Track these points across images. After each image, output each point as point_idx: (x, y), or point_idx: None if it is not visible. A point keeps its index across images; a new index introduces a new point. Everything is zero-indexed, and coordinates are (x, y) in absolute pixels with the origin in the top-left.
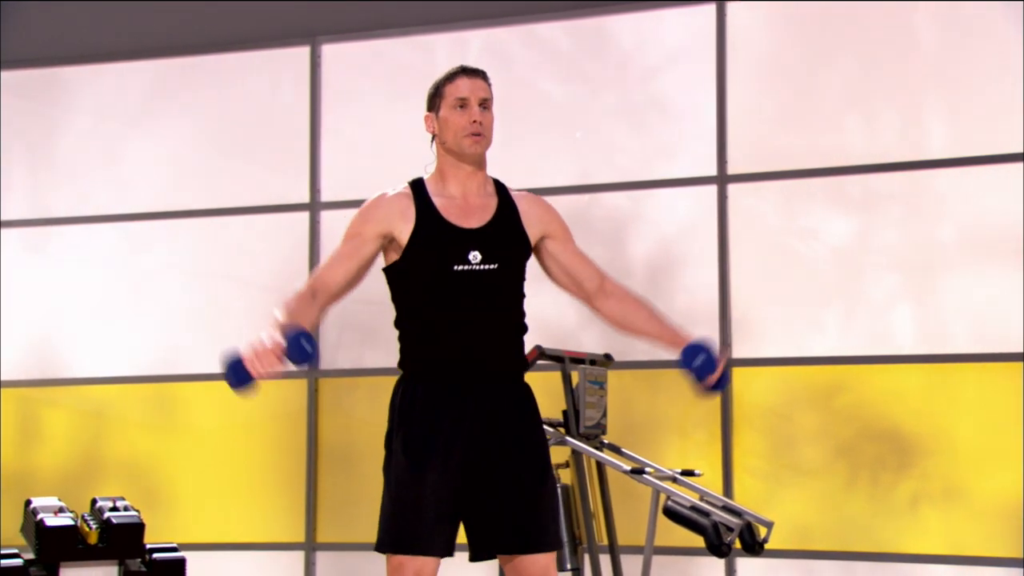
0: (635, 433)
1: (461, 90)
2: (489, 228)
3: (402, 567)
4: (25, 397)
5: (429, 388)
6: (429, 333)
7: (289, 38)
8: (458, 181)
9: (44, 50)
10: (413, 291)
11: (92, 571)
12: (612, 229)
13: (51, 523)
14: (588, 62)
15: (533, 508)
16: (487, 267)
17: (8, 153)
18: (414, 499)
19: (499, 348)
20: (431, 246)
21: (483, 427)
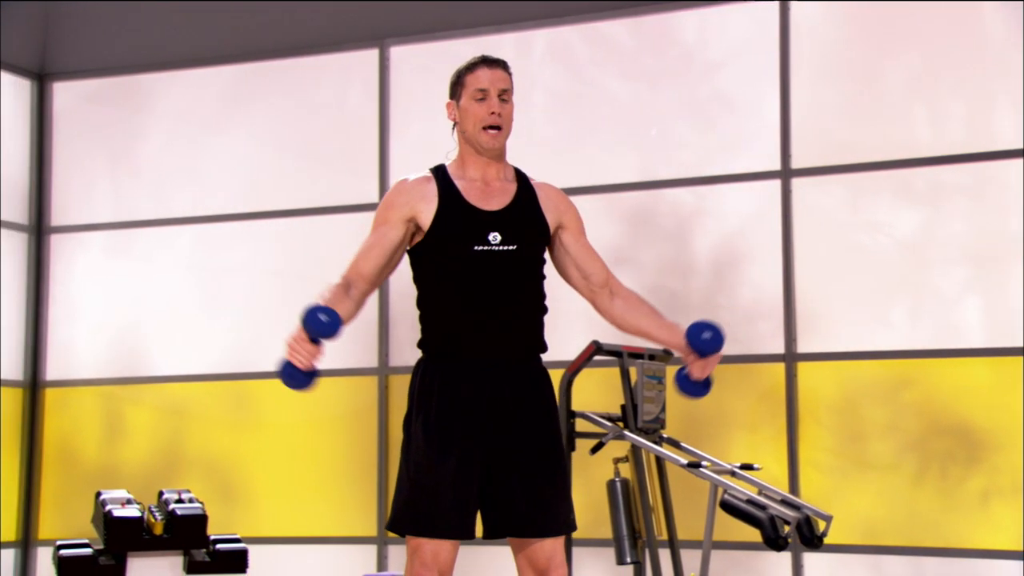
0: (700, 428)
1: (481, 80)
2: (509, 210)
3: (420, 548)
4: (109, 395)
5: (447, 370)
6: (449, 312)
7: (358, 41)
8: (478, 167)
9: (125, 59)
10: (435, 271)
11: (158, 561)
12: (675, 225)
13: (118, 514)
14: (651, 58)
15: (542, 493)
16: (507, 248)
17: (92, 159)
18: (432, 482)
19: (518, 328)
20: (453, 227)
21: (500, 410)
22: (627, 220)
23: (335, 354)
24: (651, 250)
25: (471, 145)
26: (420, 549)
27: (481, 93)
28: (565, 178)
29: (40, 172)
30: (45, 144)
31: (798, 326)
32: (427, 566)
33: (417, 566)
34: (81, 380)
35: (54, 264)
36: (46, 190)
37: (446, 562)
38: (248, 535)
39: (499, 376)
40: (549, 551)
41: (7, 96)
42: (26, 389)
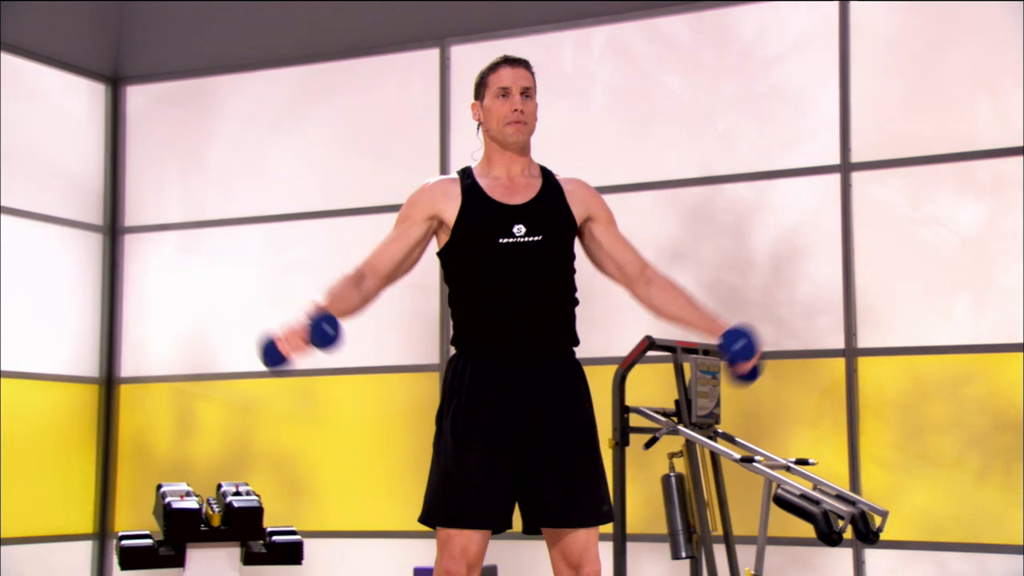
0: (760, 424)
1: (503, 79)
2: (534, 203)
3: (449, 540)
4: (181, 391)
5: (477, 365)
6: (478, 305)
7: (419, 41)
8: (503, 165)
9: (195, 62)
10: (462, 267)
11: (216, 552)
12: (734, 220)
13: (177, 506)
14: (710, 54)
15: (574, 485)
16: (532, 239)
17: (163, 160)
18: (462, 475)
19: (546, 320)
20: (477, 221)
21: (530, 403)
22: (686, 216)
23: (397, 350)
24: (710, 245)
25: (496, 143)
26: (450, 541)
27: (504, 91)
28: (624, 174)
29: (114, 174)
30: (119, 146)
31: (858, 321)
32: (456, 558)
33: (447, 558)
34: (154, 377)
35: (128, 264)
36: (120, 191)
37: (475, 554)
38: (313, 528)
39: (529, 369)
40: (582, 544)
41: (82, 100)
42: (102, 386)
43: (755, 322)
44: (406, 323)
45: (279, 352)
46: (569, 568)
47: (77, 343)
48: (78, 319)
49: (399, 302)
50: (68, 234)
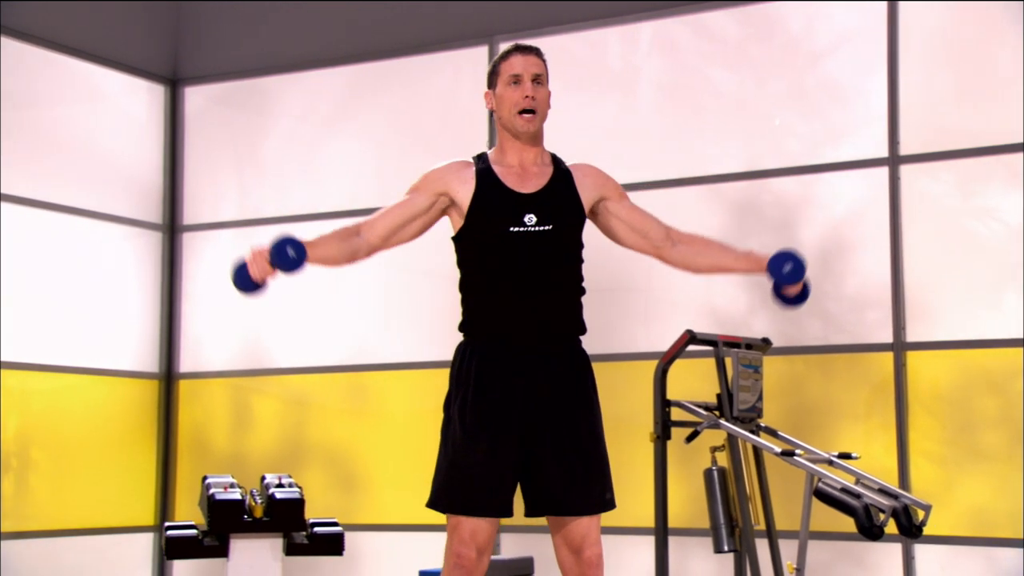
0: (809, 419)
1: (515, 67)
2: (544, 192)
3: (459, 525)
4: (238, 386)
5: (485, 353)
6: (487, 292)
7: (468, 39)
8: (516, 153)
9: (250, 62)
10: (474, 253)
11: (259, 542)
12: (781, 215)
13: (220, 497)
14: (757, 48)
15: (577, 472)
16: (542, 228)
17: (220, 160)
18: (469, 462)
19: (554, 308)
20: (489, 208)
21: (536, 392)
22: (733, 210)
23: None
24: (757, 240)
25: (508, 131)
26: (459, 527)
27: (515, 78)
28: (670, 169)
29: (173, 174)
30: (177, 146)
31: (907, 315)
32: (465, 543)
33: (456, 543)
34: (212, 372)
35: (186, 261)
36: (178, 191)
37: (484, 539)
38: (366, 522)
39: (536, 358)
40: (584, 530)
41: (143, 101)
42: (161, 381)
43: (803, 317)
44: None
45: (249, 275)
46: (571, 552)
47: (138, 339)
48: (139, 316)
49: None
50: (129, 233)
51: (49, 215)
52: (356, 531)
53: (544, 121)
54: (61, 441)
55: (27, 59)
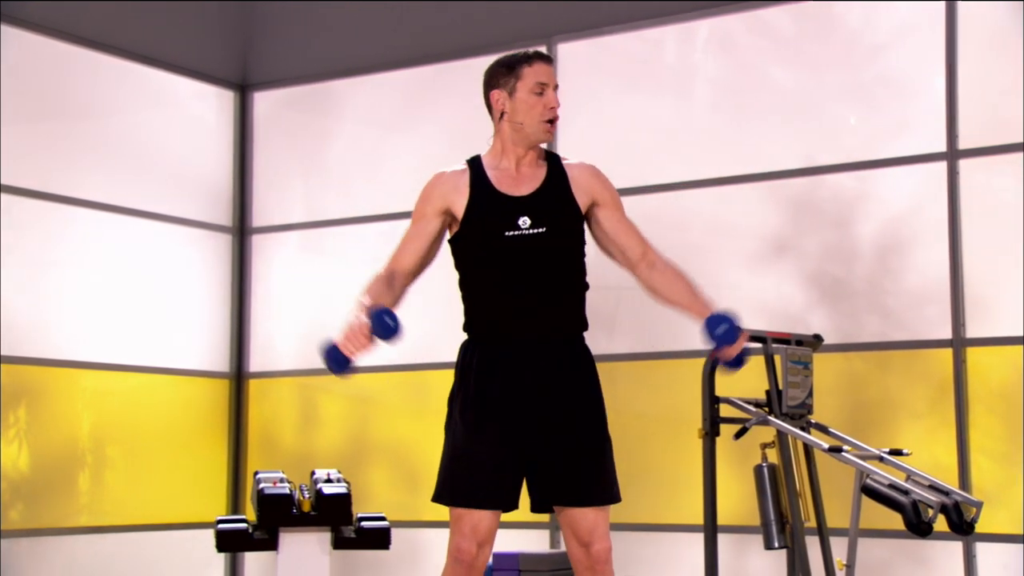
0: (866, 416)
1: (540, 74)
2: (538, 194)
3: (460, 519)
4: (305, 385)
5: (485, 350)
6: (485, 295)
7: (527, 40)
8: (514, 156)
9: (316, 67)
10: (471, 257)
11: (307, 536)
12: (838, 211)
13: (269, 492)
14: (814, 44)
15: (581, 466)
16: (536, 231)
17: (288, 163)
18: (471, 457)
19: (553, 307)
20: (484, 214)
21: (537, 387)
22: (789, 207)
23: None
24: (813, 237)
25: (520, 135)
26: (461, 520)
27: (541, 87)
28: (727, 166)
29: (242, 177)
30: (246, 150)
31: (966, 311)
32: (466, 536)
33: (457, 536)
34: (280, 371)
35: (255, 263)
36: (247, 194)
37: (485, 532)
38: (430, 519)
39: (536, 354)
40: (592, 522)
41: (212, 107)
42: (232, 380)
43: (861, 313)
44: None
45: (343, 355)
46: (579, 545)
47: (209, 340)
48: (209, 317)
49: None
50: (199, 235)
51: (123, 219)
52: (420, 528)
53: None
54: (135, 439)
55: (102, 68)
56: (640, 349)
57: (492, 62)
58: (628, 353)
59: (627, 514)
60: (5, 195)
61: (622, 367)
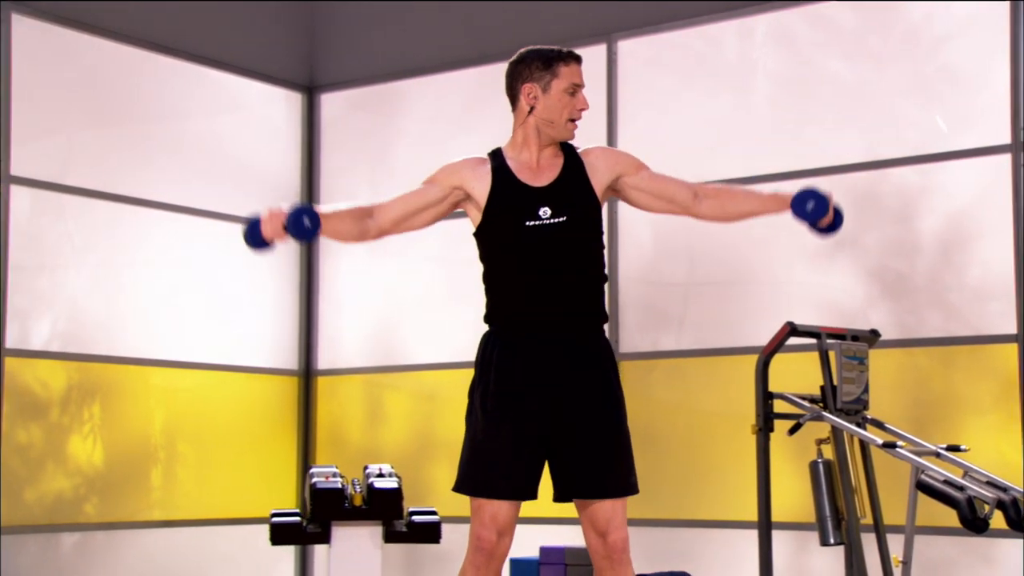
0: (929, 412)
1: (576, 76)
2: (557, 184)
3: (480, 509)
4: (371, 382)
5: (506, 342)
6: (506, 285)
7: (586, 37)
8: (535, 149)
9: (381, 68)
10: (493, 248)
11: (359, 530)
12: (901, 205)
13: (321, 486)
14: (875, 37)
15: (599, 457)
16: (556, 220)
17: (354, 163)
18: (490, 448)
19: (573, 298)
20: (506, 205)
21: (557, 379)
22: (851, 202)
23: None
24: (875, 231)
25: (546, 132)
26: (481, 509)
27: (575, 88)
28: (787, 162)
29: (310, 178)
30: (314, 152)
31: None
32: (486, 526)
33: (478, 525)
34: (347, 369)
35: (323, 262)
36: (315, 194)
37: (505, 521)
38: None
39: (556, 346)
40: (608, 513)
41: (280, 109)
42: (301, 378)
43: (923, 308)
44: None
45: (260, 233)
46: (597, 536)
47: (278, 338)
48: (278, 315)
49: None
50: None
51: (194, 220)
52: None
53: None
54: (206, 435)
55: (173, 73)
56: (708, 345)
57: (522, 52)
58: (695, 349)
59: (687, 511)
60: (78, 197)
61: (691, 363)
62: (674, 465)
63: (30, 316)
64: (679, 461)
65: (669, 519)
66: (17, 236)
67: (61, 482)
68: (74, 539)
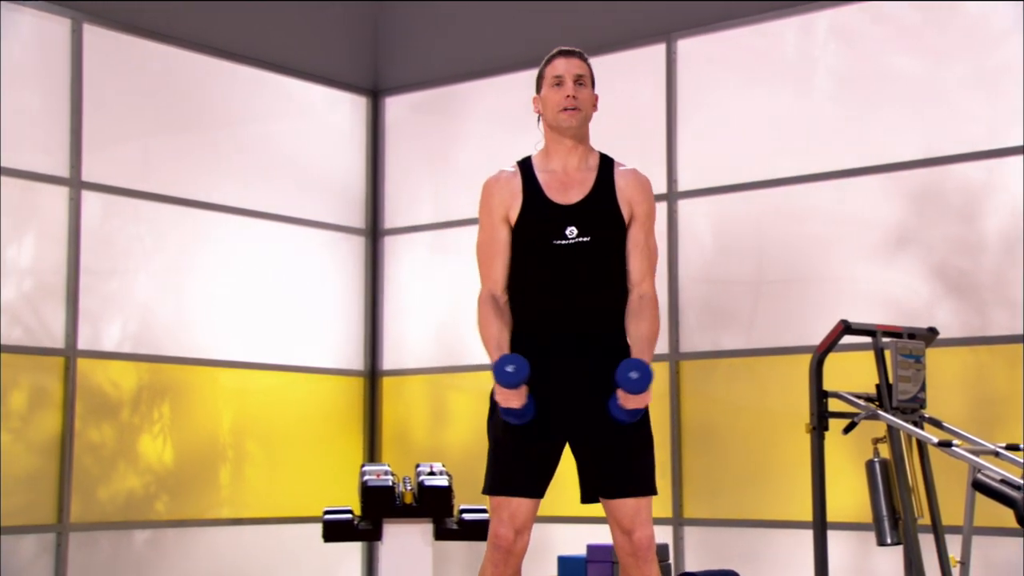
0: (993, 411)
1: (557, 69)
2: (585, 203)
3: (500, 507)
4: (435, 382)
5: (528, 347)
6: (531, 298)
7: (646, 37)
8: (560, 156)
9: (443, 71)
10: (520, 261)
11: (410, 527)
12: (963, 202)
13: (372, 484)
14: (936, 32)
15: (620, 459)
16: (582, 239)
17: (417, 165)
18: (510, 450)
19: (596, 310)
20: (534, 224)
21: (577, 384)
22: (913, 198)
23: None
24: (938, 229)
25: (554, 132)
26: (499, 508)
27: (557, 80)
28: (849, 159)
29: (374, 180)
30: (378, 154)
31: None
32: (504, 523)
33: (496, 523)
34: (411, 369)
35: (387, 264)
36: (380, 196)
37: (523, 520)
38: (558, 514)
39: (576, 355)
40: (632, 511)
41: (345, 113)
42: (366, 378)
43: (987, 306)
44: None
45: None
46: (622, 533)
47: (344, 339)
48: (344, 316)
49: None
50: (334, 238)
51: (261, 223)
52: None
53: (588, 121)
54: (274, 435)
55: (240, 79)
56: (770, 344)
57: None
58: (757, 348)
59: (748, 511)
60: (148, 202)
61: (752, 363)
62: (735, 465)
63: (102, 318)
64: (740, 461)
65: (730, 519)
66: (89, 240)
67: (132, 480)
68: (145, 536)
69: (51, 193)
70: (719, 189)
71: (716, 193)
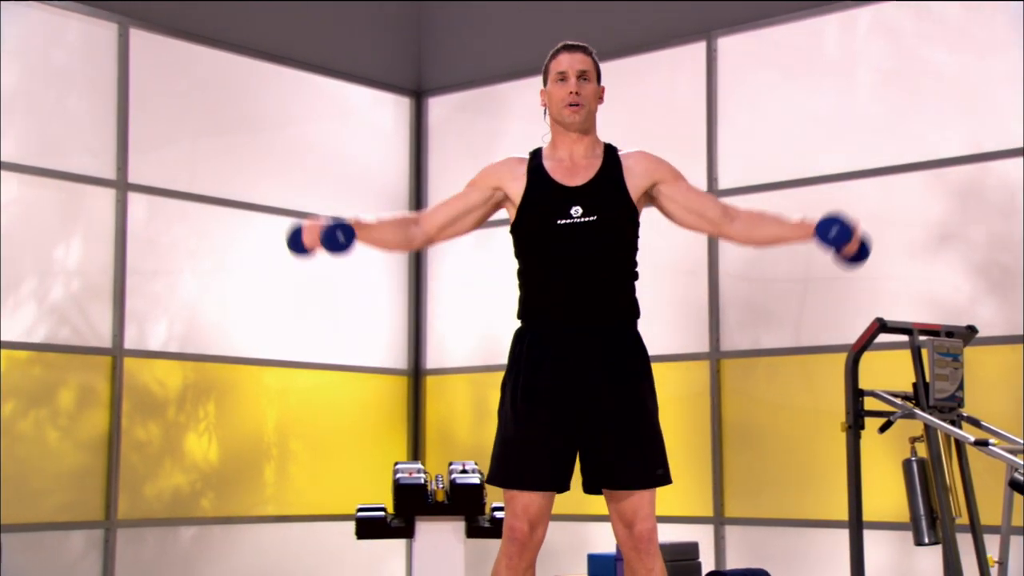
0: None
1: (561, 64)
2: (591, 184)
3: (513, 500)
4: (478, 381)
5: (536, 337)
6: (538, 281)
7: (686, 35)
8: (566, 147)
9: (485, 71)
10: (526, 245)
11: (442, 525)
12: (1006, 199)
13: (404, 481)
14: (979, 28)
15: (627, 449)
16: (587, 219)
17: (459, 165)
18: (520, 440)
19: (603, 295)
20: (538, 203)
21: (585, 372)
22: (955, 195)
23: (668, 339)
24: (980, 226)
25: (559, 125)
26: (513, 500)
27: (561, 75)
28: (890, 156)
29: (417, 180)
30: (421, 155)
31: None
32: (518, 516)
33: (510, 516)
34: (455, 368)
35: (431, 264)
36: (423, 196)
37: (536, 513)
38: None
39: (585, 341)
40: (635, 504)
41: (389, 113)
42: (410, 377)
43: None
44: (676, 310)
45: (301, 240)
46: (623, 526)
47: (387, 338)
48: (388, 316)
49: (670, 289)
50: None
51: None
52: (586, 521)
53: (592, 115)
54: (318, 433)
55: (283, 80)
56: (812, 343)
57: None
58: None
59: (787, 510)
60: (193, 203)
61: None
62: (776, 465)
63: (147, 318)
64: (781, 460)
65: (772, 518)
66: (135, 241)
67: (178, 478)
68: (191, 532)
69: (98, 195)
70: (760, 187)
71: (757, 191)
